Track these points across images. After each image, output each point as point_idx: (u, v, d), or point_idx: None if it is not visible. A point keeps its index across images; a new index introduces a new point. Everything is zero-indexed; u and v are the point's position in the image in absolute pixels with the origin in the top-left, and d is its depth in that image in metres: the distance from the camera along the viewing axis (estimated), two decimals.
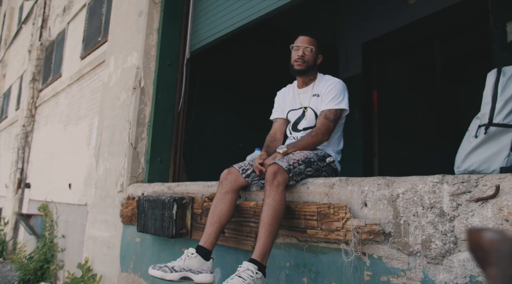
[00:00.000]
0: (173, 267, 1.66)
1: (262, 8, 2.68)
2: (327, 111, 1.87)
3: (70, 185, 4.74)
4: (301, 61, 1.95)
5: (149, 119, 3.25)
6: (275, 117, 2.12)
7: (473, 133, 1.43)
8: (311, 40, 1.99)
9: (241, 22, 2.87)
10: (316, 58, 2.01)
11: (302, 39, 1.99)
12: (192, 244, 2.32)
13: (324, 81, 1.98)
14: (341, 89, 1.91)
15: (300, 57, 1.95)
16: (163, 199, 2.34)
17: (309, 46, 1.96)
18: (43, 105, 6.69)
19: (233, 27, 2.94)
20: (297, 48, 1.98)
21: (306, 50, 1.96)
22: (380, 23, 4.71)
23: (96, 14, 4.96)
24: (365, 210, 1.45)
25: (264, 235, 1.53)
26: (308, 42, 1.98)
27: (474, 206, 1.19)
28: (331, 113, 1.86)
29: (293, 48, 2.01)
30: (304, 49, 1.96)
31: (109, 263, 3.22)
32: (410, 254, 1.30)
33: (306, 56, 1.96)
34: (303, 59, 1.95)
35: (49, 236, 4.84)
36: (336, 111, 1.87)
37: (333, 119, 1.85)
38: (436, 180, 1.28)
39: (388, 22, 4.61)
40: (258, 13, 2.71)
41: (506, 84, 1.37)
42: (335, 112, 1.86)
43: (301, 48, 1.96)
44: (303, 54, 1.95)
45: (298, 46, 1.98)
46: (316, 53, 1.99)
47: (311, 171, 1.72)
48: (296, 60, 1.96)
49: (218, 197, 1.81)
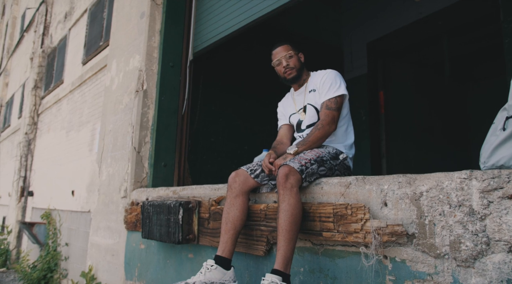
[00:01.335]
0: (194, 283, 1.57)
1: (264, 7, 2.62)
2: (327, 101, 1.81)
3: (73, 192, 4.67)
4: (289, 70, 1.93)
5: (152, 122, 3.17)
6: (280, 125, 2.10)
7: (500, 126, 1.33)
8: (285, 47, 1.95)
9: (244, 22, 2.80)
10: (299, 58, 1.98)
11: (277, 51, 1.97)
12: (199, 250, 2.22)
13: (317, 76, 1.95)
14: (335, 77, 1.86)
15: (286, 67, 1.93)
16: (169, 203, 2.25)
17: (287, 53, 1.93)
18: (45, 112, 6.65)
19: (236, 27, 2.87)
20: (278, 62, 1.96)
21: (287, 58, 1.93)
22: (385, 21, 4.64)
23: (98, 18, 4.93)
24: (385, 210, 1.36)
25: (284, 243, 1.45)
26: (283, 50, 1.95)
27: (507, 203, 1.09)
28: (332, 102, 1.80)
29: (275, 64, 1.98)
30: (284, 59, 1.93)
31: (113, 271, 3.12)
32: (437, 257, 1.20)
33: (291, 63, 1.93)
34: (289, 67, 1.93)
35: (52, 244, 4.76)
36: (337, 99, 1.80)
37: (335, 108, 1.79)
38: (464, 176, 1.18)
39: (393, 20, 4.53)
40: (260, 12, 2.65)
41: None
42: (335, 100, 1.80)
43: (282, 59, 1.94)
44: (287, 63, 1.93)
45: (279, 60, 1.95)
46: (296, 54, 1.97)
47: (324, 171, 1.63)
48: (285, 72, 1.94)
49: (229, 202, 1.73)
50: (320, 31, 5.08)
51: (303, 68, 1.98)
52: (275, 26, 4.26)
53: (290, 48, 1.95)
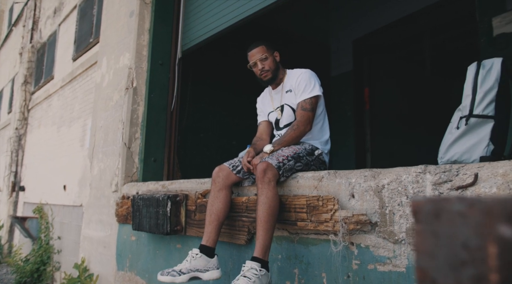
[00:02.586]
0: (180, 270, 1.70)
1: (252, 6, 2.70)
2: (302, 102, 1.91)
3: (65, 186, 4.75)
4: (265, 72, 2.00)
5: (142, 119, 3.27)
6: (259, 121, 2.20)
7: (455, 125, 1.47)
8: (260, 49, 2.00)
9: (232, 21, 2.90)
10: (274, 59, 2.03)
11: (252, 53, 2.02)
12: (187, 240, 2.35)
13: (293, 75, 2.02)
14: (310, 77, 1.94)
15: (262, 70, 1.99)
16: (157, 197, 2.37)
17: (261, 55, 1.99)
18: (35, 107, 6.67)
19: (224, 25, 2.97)
20: (253, 65, 2.02)
21: (262, 61, 1.99)
22: (370, 20, 4.76)
23: (87, 15, 4.97)
24: (352, 201, 1.50)
25: (263, 233, 1.59)
26: (258, 52, 2.00)
27: (454, 194, 1.24)
28: (307, 103, 1.90)
29: (251, 66, 2.04)
30: (259, 61, 1.99)
31: (105, 262, 3.24)
32: (396, 242, 1.35)
33: (266, 65, 1.99)
34: (264, 70, 1.99)
35: (44, 238, 4.85)
36: (311, 100, 1.91)
37: (310, 108, 1.90)
38: (419, 170, 1.33)
39: (378, 18, 4.66)
40: (248, 11, 2.74)
41: (485, 77, 1.42)
42: (310, 101, 1.91)
43: (257, 62, 2.00)
44: (263, 65, 1.99)
45: (254, 62, 2.01)
46: (271, 55, 2.01)
47: (300, 166, 1.76)
48: (260, 74, 2.01)
49: (213, 195, 1.85)
50: (309, 29, 5.19)
51: (278, 68, 2.04)
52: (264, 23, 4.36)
53: (265, 49, 2.00)
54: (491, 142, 1.37)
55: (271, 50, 2.03)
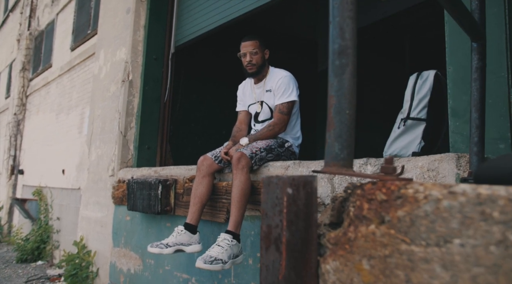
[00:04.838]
0: (167, 244, 2.01)
1: (243, 7, 2.91)
2: (280, 106, 2.16)
3: (63, 171, 5.03)
4: (251, 66, 2.19)
5: (137, 109, 3.54)
6: (239, 109, 2.43)
7: (397, 125, 1.78)
8: (253, 43, 2.17)
9: (223, 20, 3.13)
10: (263, 55, 2.21)
11: (245, 44, 2.18)
12: (175, 219, 2.67)
13: (274, 76, 2.21)
14: (289, 82, 2.16)
15: (249, 62, 2.19)
16: (150, 181, 2.67)
17: (252, 49, 2.17)
18: (34, 94, 6.88)
19: (215, 24, 3.21)
20: (243, 55, 2.20)
21: (251, 54, 2.17)
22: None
23: (85, 7, 5.16)
24: None
25: (235, 210, 1.89)
26: (251, 45, 2.17)
27: None
28: (284, 106, 2.15)
29: (241, 55, 2.21)
30: (249, 54, 2.17)
31: (102, 240, 3.56)
32: None
33: (254, 59, 2.18)
34: (251, 63, 2.19)
35: (44, 219, 5.14)
36: (288, 104, 2.16)
37: (287, 112, 2.16)
38: (362, 162, 1.63)
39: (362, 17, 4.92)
40: (239, 11, 2.96)
41: (421, 86, 1.72)
42: (287, 105, 2.16)
43: (247, 53, 2.18)
44: (251, 58, 2.18)
45: (245, 53, 2.19)
46: (262, 51, 2.19)
47: (271, 157, 2.06)
48: (247, 66, 2.21)
49: (197, 181, 2.15)
50: (297, 25, 5.43)
51: (264, 65, 2.23)
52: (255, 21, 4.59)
53: (257, 44, 2.17)
54: (422, 140, 1.67)
55: (262, 47, 2.21)
